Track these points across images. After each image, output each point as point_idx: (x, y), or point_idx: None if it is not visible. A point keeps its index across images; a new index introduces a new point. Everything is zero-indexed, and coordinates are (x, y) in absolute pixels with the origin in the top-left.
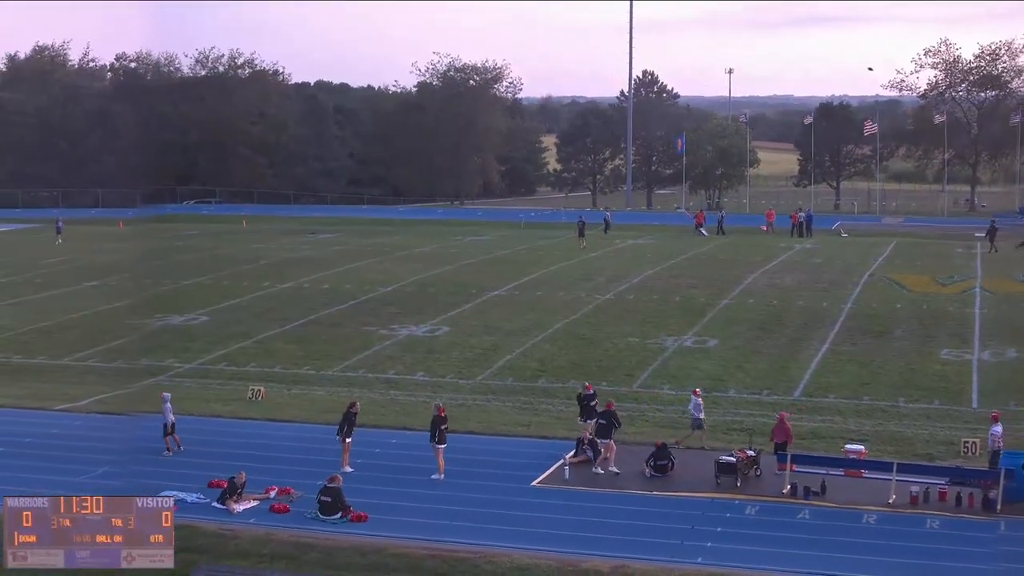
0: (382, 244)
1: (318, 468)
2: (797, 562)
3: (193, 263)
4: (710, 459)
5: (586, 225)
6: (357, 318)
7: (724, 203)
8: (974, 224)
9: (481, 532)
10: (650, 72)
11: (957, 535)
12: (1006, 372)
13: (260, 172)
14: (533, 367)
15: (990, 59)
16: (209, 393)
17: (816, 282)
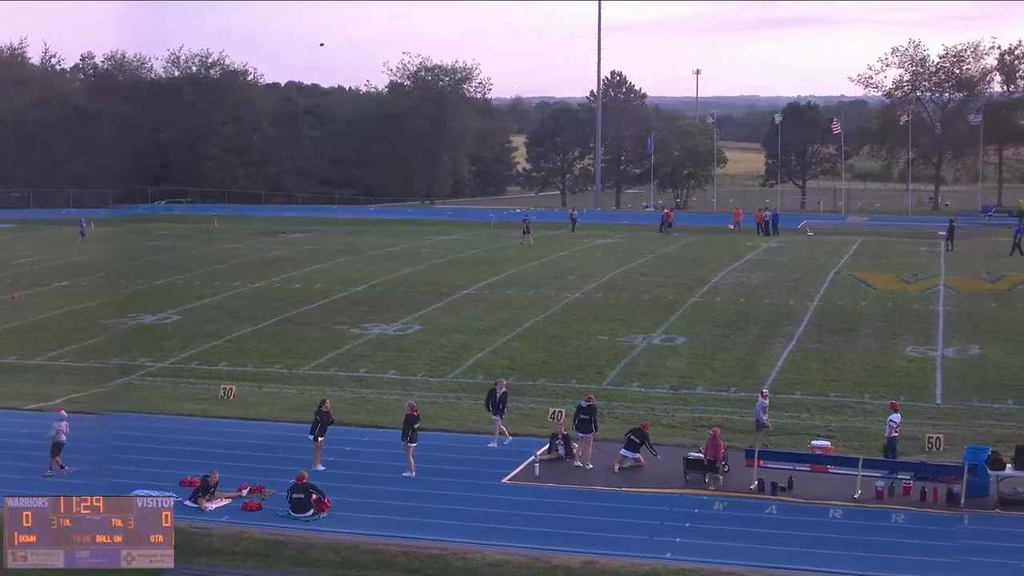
0: (353, 243)
1: (290, 466)
2: (765, 556)
3: (165, 263)
4: (678, 455)
5: (530, 224)
6: (328, 317)
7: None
8: (938, 223)
9: (452, 529)
10: (619, 73)
11: (922, 529)
12: (969, 369)
13: (232, 172)
14: (503, 365)
15: (955, 60)
16: (181, 392)
17: (783, 280)
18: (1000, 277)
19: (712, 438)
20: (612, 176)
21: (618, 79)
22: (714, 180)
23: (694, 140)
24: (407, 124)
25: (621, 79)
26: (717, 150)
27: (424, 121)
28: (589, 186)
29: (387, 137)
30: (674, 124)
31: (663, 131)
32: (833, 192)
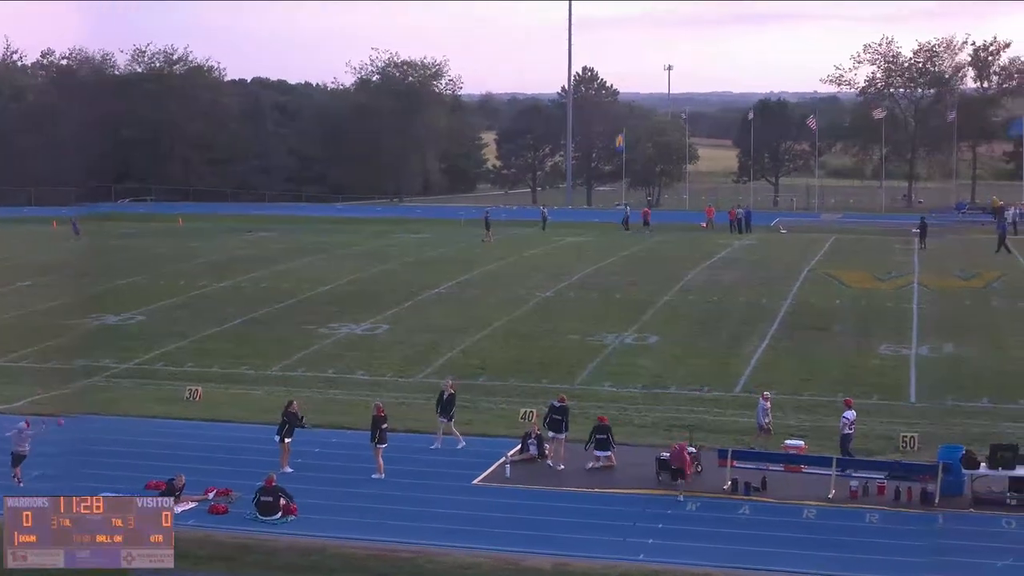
0: (321, 242)
1: (257, 468)
2: (738, 557)
3: (129, 262)
4: (651, 456)
5: (491, 221)
6: (296, 317)
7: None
8: (912, 220)
9: (422, 531)
10: (590, 69)
11: (896, 529)
12: (943, 367)
13: (197, 170)
14: (474, 365)
15: (928, 56)
16: (146, 393)
17: (756, 279)
18: (974, 275)
19: (678, 451)
20: (583, 173)
21: (589, 75)
22: (686, 177)
23: (666, 137)
24: (375, 121)
25: (592, 75)
26: (689, 147)
27: (392, 118)
28: (560, 183)
29: (355, 134)
30: (646, 121)
31: (635, 128)
32: (806, 189)
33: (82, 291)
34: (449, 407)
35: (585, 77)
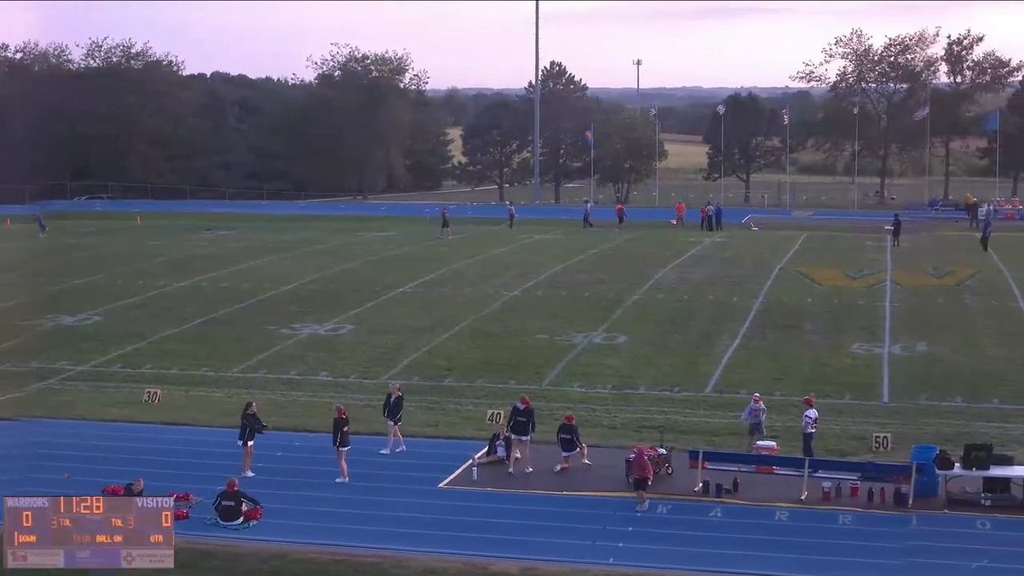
0: (283, 240)
1: (218, 472)
2: (710, 560)
3: (86, 261)
4: (620, 457)
5: (449, 217)
6: (257, 317)
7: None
8: (884, 217)
9: (388, 536)
10: (558, 63)
11: (869, 530)
12: (916, 366)
13: (156, 166)
14: (440, 366)
15: (900, 50)
16: (103, 396)
17: (726, 277)
18: (947, 272)
19: (637, 456)
20: (551, 170)
21: (557, 69)
22: (655, 174)
23: (636, 133)
24: (337, 116)
25: (560, 70)
26: (659, 143)
27: (355, 113)
28: (528, 180)
29: (317, 130)
30: (615, 116)
31: (604, 123)
32: (777, 186)
33: (38, 291)
34: (396, 410)
35: (553, 72)
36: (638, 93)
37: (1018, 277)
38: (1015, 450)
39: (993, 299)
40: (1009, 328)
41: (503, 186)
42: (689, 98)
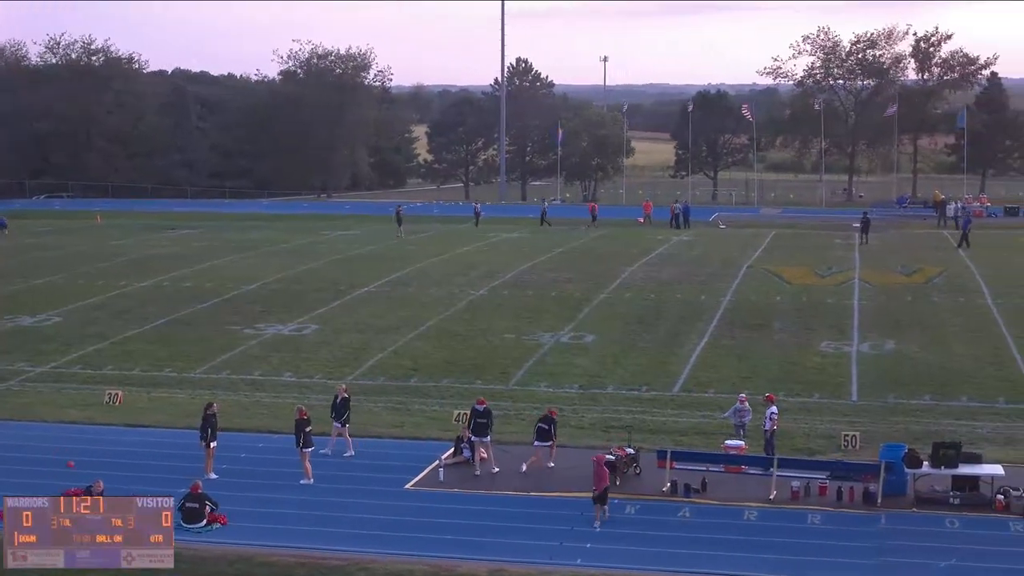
0: (246, 239)
1: (180, 475)
2: (678, 561)
3: (45, 261)
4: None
5: (403, 216)
6: (221, 317)
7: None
8: (853, 214)
9: (353, 538)
10: (524, 60)
11: (838, 530)
12: (885, 364)
13: (116, 164)
14: (406, 366)
15: (868, 46)
16: (63, 398)
17: (694, 275)
18: (915, 270)
19: (596, 466)
20: (518, 168)
21: (524, 66)
22: (623, 171)
23: (603, 130)
24: (301, 114)
25: (527, 66)
26: (627, 140)
27: (318, 111)
28: (494, 178)
29: (280, 127)
30: (582, 113)
31: (571, 121)
32: (745, 183)
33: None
34: (343, 411)
35: (519, 69)
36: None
37: (986, 275)
38: (984, 448)
39: (961, 297)
40: (977, 326)
41: (469, 184)
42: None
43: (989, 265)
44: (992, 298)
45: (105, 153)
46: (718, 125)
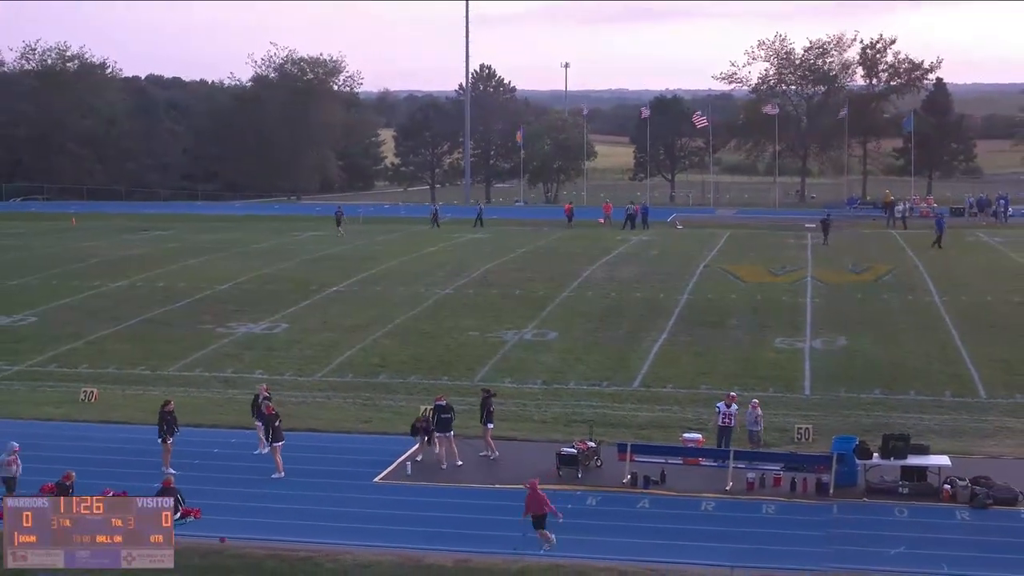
0: (218, 240)
1: (155, 470)
2: (638, 550)
3: (20, 262)
4: (551, 451)
5: (343, 216)
6: (193, 316)
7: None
8: (805, 215)
9: (323, 530)
10: (487, 66)
11: (792, 519)
12: (837, 359)
13: (89, 168)
14: (374, 363)
15: (819, 53)
16: (39, 396)
17: (653, 274)
18: (865, 269)
19: (531, 491)
20: (482, 170)
21: (487, 72)
22: (585, 174)
23: (564, 134)
24: (270, 118)
25: (490, 72)
26: (587, 143)
27: (288, 115)
28: (459, 180)
29: (251, 131)
30: (544, 117)
31: (533, 124)
32: (702, 185)
33: None
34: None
35: (483, 75)
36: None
37: (933, 273)
38: (931, 440)
39: (909, 295)
40: (924, 323)
41: (435, 187)
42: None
43: (936, 264)
44: (939, 296)
45: (75, 156)
46: (675, 129)
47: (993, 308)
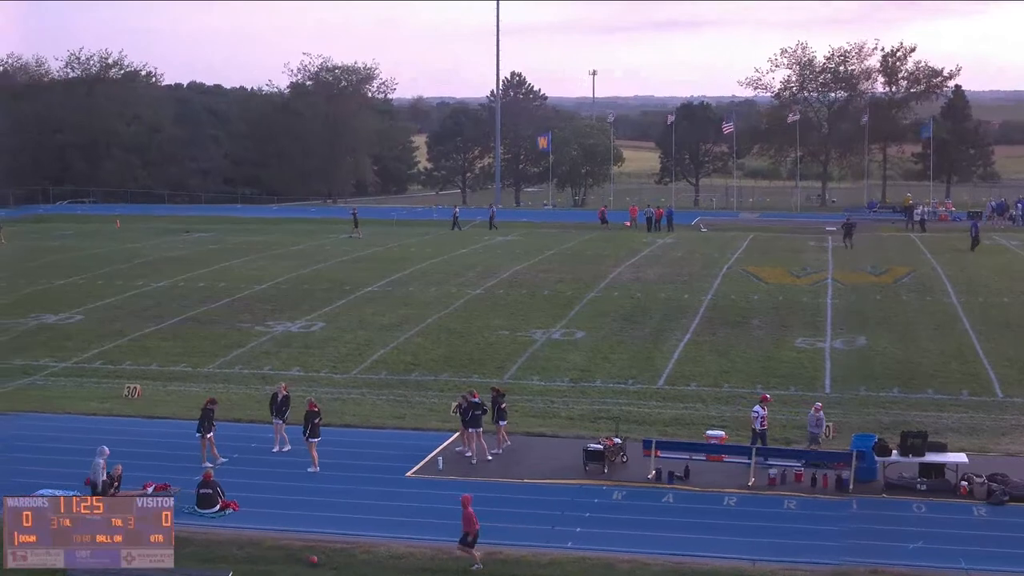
0: (257, 242)
1: (195, 464)
2: (662, 544)
3: (67, 263)
4: (578, 447)
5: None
6: (232, 315)
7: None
8: (826, 219)
9: (357, 523)
10: (518, 74)
11: (812, 514)
12: (856, 359)
13: (134, 172)
14: (406, 361)
15: (840, 60)
16: (85, 391)
17: (678, 275)
18: (884, 270)
19: (463, 507)
20: (512, 175)
21: (517, 80)
22: (611, 178)
23: (592, 139)
24: (308, 124)
25: (520, 80)
26: (614, 149)
27: (323, 121)
28: (489, 184)
29: (288, 137)
30: (571, 123)
31: (561, 130)
32: (725, 189)
33: (21, 291)
34: (284, 409)
35: (513, 82)
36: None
37: (951, 275)
38: (948, 437)
39: (927, 296)
40: (942, 323)
41: (466, 190)
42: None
43: (954, 266)
44: (956, 297)
45: (121, 162)
46: (700, 134)
47: (1010, 309)
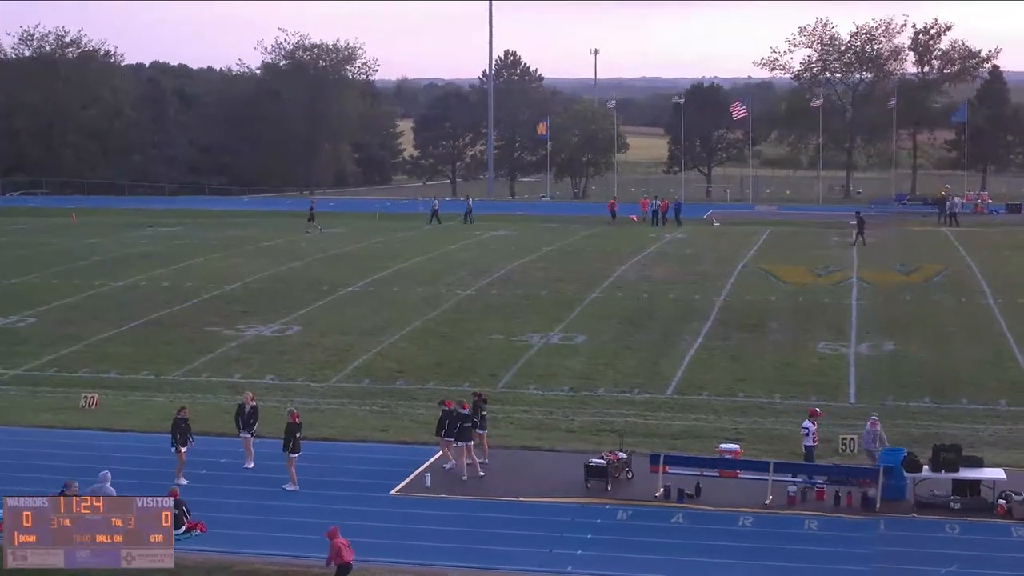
0: (227, 238)
1: (158, 480)
2: (671, 568)
3: (18, 260)
4: (579, 462)
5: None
6: (200, 318)
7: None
8: (850, 211)
9: None
10: (512, 52)
11: (836, 536)
12: (884, 366)
13: (92, 161)
14: (391, 368)
15: (866, 39)
16: (38, 402)
17: (688, 274)
18: (915, 269)
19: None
20: (506, 163)
21: (512, 59)
22: (615, 167)
23: (594, 125)
24: (283, 108)
25: (515, 59)
26: (618, 135)
27: (302, 104)
28: (482, 174)
29: (261, 122)
30: (571, 107)
31: (560, 115)
32: (740, 180)
33: None
34: (252, 421)
35: (507, 62)
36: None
37: (987, 273)
38: (985, 452)
39: (962, 296)
40: (978, 326)
41: (456, 180)
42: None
43: (990, 264)
44: (993, 297)
45: (79, 149)
46: (712, 119)
47: None
